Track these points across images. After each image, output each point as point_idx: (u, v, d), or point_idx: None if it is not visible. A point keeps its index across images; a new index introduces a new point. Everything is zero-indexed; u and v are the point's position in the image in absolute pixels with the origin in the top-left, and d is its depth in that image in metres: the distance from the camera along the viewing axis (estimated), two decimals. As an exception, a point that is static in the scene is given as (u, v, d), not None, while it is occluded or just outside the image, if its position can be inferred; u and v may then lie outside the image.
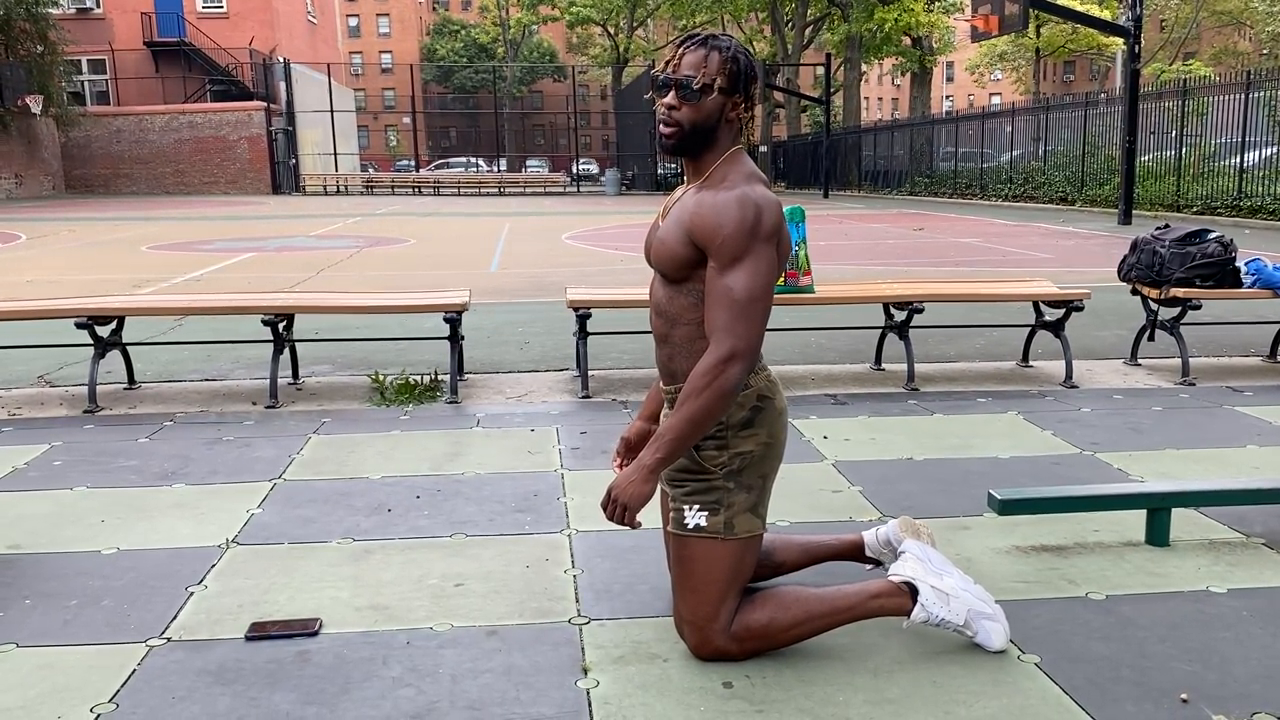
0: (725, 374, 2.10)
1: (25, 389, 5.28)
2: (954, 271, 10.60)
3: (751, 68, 2.23)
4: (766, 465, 2.29)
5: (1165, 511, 2.97)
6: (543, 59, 75.44)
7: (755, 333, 2.12)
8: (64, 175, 36.01)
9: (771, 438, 2.29)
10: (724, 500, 2.24)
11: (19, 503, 3.39)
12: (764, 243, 2.13)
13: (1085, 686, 2.16)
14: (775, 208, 2.17)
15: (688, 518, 2.25)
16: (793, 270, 4.92)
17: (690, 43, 2.22)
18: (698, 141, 2.23)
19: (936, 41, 39.17)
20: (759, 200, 2.15)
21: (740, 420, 2.24)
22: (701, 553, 2.24)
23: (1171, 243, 5.32)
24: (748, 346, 2.11)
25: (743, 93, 2.22)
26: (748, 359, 2.12)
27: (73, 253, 13.52)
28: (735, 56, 2.20)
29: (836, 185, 35.51)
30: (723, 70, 2.18)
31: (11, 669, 2.26)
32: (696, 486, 2.25)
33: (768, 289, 2.14)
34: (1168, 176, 20.33)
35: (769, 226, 2.14)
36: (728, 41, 2.21)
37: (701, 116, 2.20)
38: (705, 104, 2.19)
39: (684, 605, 2.28)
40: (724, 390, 2.10)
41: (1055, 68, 66.49)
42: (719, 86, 2.18)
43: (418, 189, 39.31)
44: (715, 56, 2.18)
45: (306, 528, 3.14)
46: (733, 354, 2.10)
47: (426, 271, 11.10)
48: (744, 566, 2.27)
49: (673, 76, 2.20)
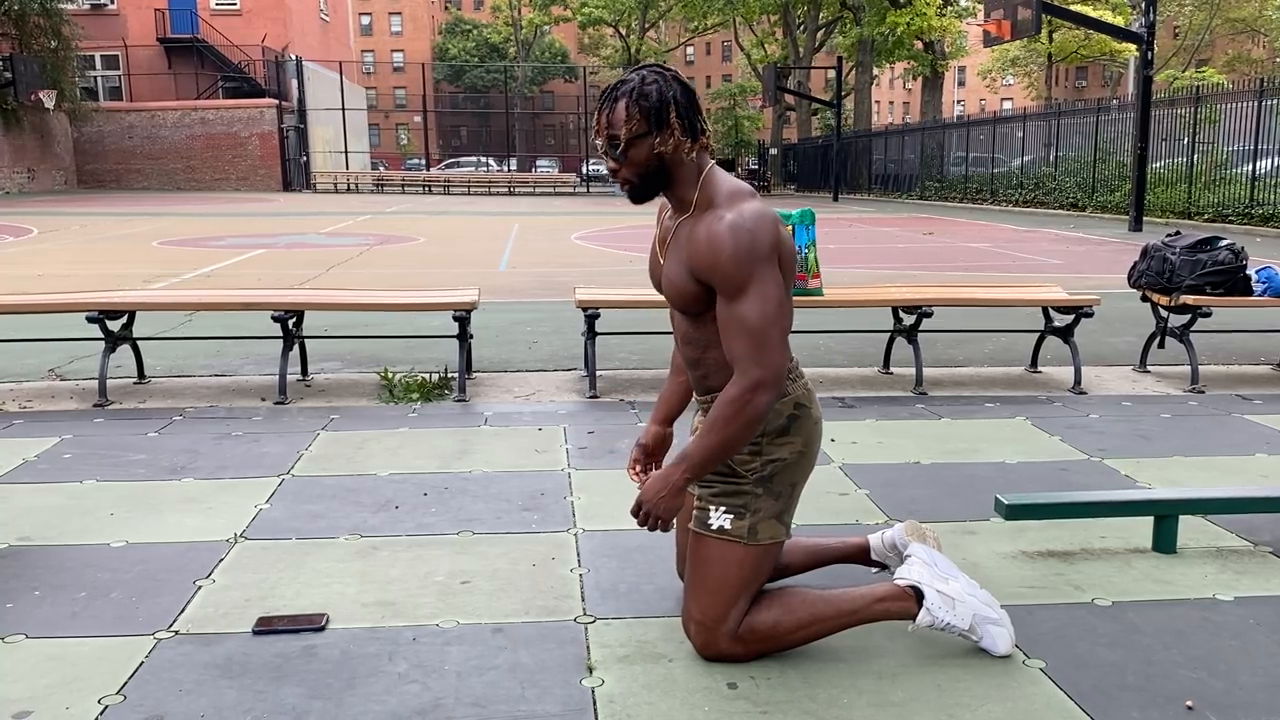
0: (754, 402, 2.10)
1: (36, 382, 5.31)
2: (963, 276, 10.59)
3: (669, 93, 2.15)
4: (797, 473, 2.30)
5: (1173, 518, 2.96)
6: (554, 59, 75.51)
7: (778, 357, 2.11)
8: (76, 170, 36.16)
9: (806, 446, 2.30)
10: (751, 505, 2.25)
11: (29, 495, 3.41)
12: (765, 263, 2.11)
13: (1090, 693, 2.16)
14: (768, 222, 2.13)
15: (712, 518, 2.26)
16: (802, 273, 4.92)
17: (604, 100, 2.20)
18: (657, 185, 2.23)
19: (949, 46, 39.10)
20: (749, 223, 2.11)
21: (777, 427, 2.25)
22: (721, 554, 2.24)
23: (1182, 250, 5.30)
24: (774, 373, 2.11)
25: (671, 123, 2.15)
26: (775, 385, 2.11)
27: (84, 247, 13.58)
28: (644, 94, 2.14)
29: (847, 189, 35.48)
30: (636, 115, 2.14)
31: (21, 659, 2.28)
32: (725, 488, 2.26)
33: (781, 308, 2.12)
34: (1179, 183, 20.27)
35: (765, 245, 2.11)
36: (635, 82, 2.16)
37: (641, 167, 2.18)
38: (637, 155, 2.17)
39: (695, 604, 2.28)
40: (753, 418, 2.12)
41: (1067, 73, 66.33)
42: (639, 133, 2.14)
43: (428, 188, 39.38)
44: (622, 106, 2.14)
45: (314, 523, 3.15)
46: (759, 383, 2.10)
47: (436, 270, 11.12)
48: (761, 572, 2.28)
49: (601, 140, 2.19)
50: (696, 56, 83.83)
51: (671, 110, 2.15)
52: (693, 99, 2.20)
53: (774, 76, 35.52)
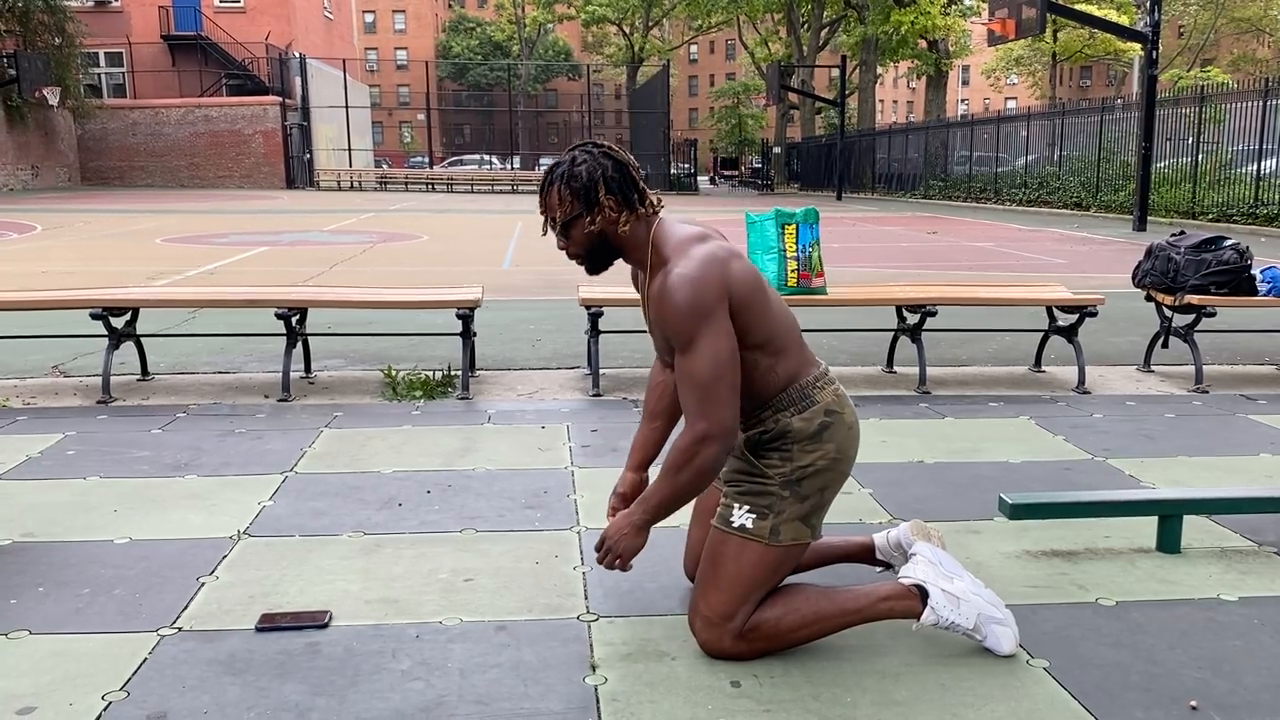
0: (700, 455, 2.14)
1: (40, 379, 5.32)
2: (967, 275, 10.58)
3: (598, 172, 2.21)
4: (829, 478, 2.30)
5: (1177, 518, 2.96)
6: (558, 57, 75.52)
7: (724, 411, 2.14)
8: (80, 167, 36.19)
9: (840, 452, 2.30)
10: (775, 507, 2.25)
11: (33, 491, 3.41)
12: (710, 316, 2.13)
13: (1094, 692, 2.15)
14: (713, 269, 2.16)
15: (734, 516, 2.26)
16: (805, 271, 4.92)
17: (541, 186, 2.28)
18: (607, 256, 2.32)
19: (953, 45, 39.06)
20: (693, 272, 2.14)
21: (809, 434, 2.26)
22: (739, 553, 2.24)
23: (1187, 249, 5.29)
24: (720, 426, 2.13)
25: (601, 201, 2.21)
26: (721, 438, 2.14)
27: (87, 244, 13.59)
28: (574, 175, 2.21)
29: (850, 188, 35.45)
30: (568, 198, 2.22)
31: (25, 655, 2.28)
32: (750, 487, 2.27)
33: (727, 360, 2.14)
34: (1183, 183, 20.23)
35: (711, 295, 2.14)
36: (565, 165, 2.23)
37: (585, 243, 2.27)
38: (577, 234, 2.26)
39: (704, 601, 2.27)
40: (701, 470, 2.15)
41: (1072, 73, 66.27)
42: (573, 214, 2.23)
43: (431, 185, 39.39)
44: (555, 190, 2.23)
45: (318, 520, 3.16)
46: (705, 435, 2.13)
47: (439, 268, 11.13)
48: (778, 574, 2.28)
49: (548, 224, 2.28)
50: (700, 55, 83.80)
51: (601, 189, 2.21)
52: (625, 172, 2.25)
53: (778, 75, 35.49)
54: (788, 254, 4.89)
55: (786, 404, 2.28)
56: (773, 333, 2.27)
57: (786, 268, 4.89)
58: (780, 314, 2.31)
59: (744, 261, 2.25)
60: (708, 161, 62.00)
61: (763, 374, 2.27)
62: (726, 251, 2.23)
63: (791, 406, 2.28)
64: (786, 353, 2.29)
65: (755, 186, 45.43)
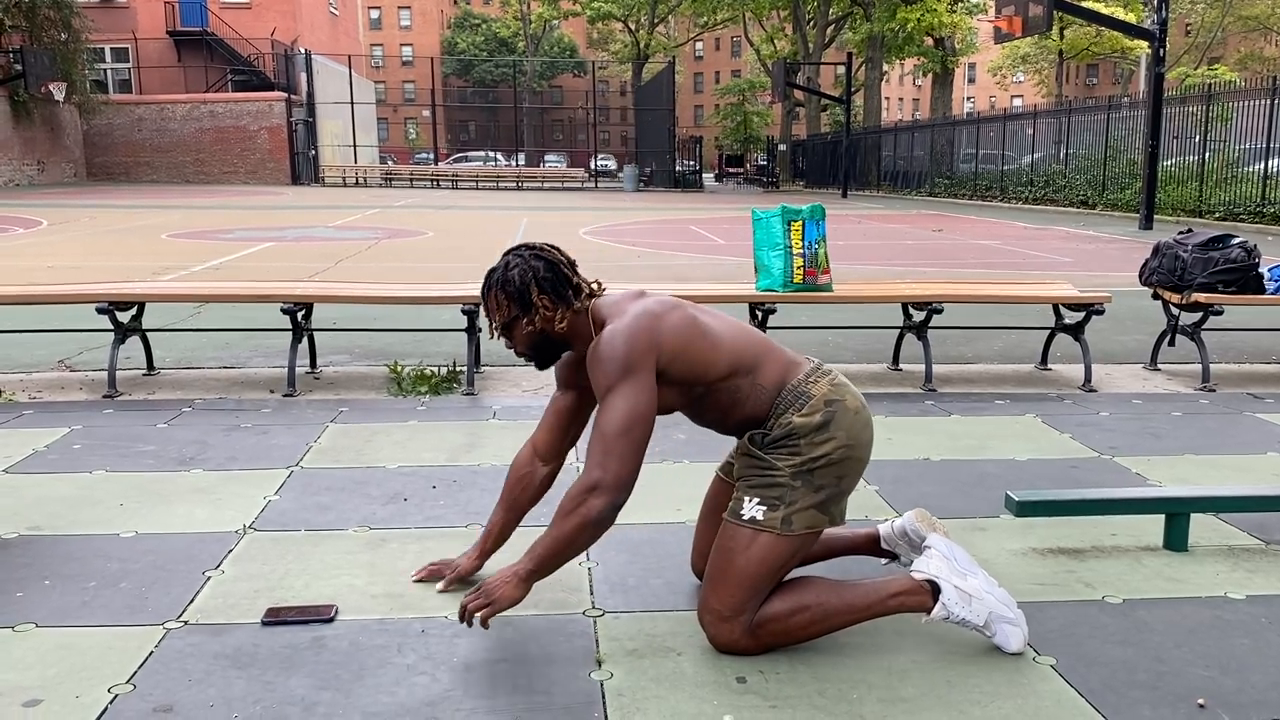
0: (587, 504, 2.15)
1: (46, 373, 5.32)
2: (973, 274, 10.56)
3: (529, 275, 2.28)
4: (845, 468, 2.29)
5: (1184, 516, 2.95)
6: (563, 54, 75.49)
7: (622, 466, 2.15)
8: (85, 162, 36.25)
9: (852, 439, 2.29)
10: (786, 497, 2.25)
11: (39, 485, 3.42)
12: (631, 373, 2.17)
13: (1101, 690, 2.15)
14: (642, 325, 2.20)
15: (745, 508, 2.26)
16: (811, 268, 4.92)
17: (481, 290, 2.36)
18: (552, 349, 2.38)
19: (959, 42, 38.98)
20: (620, 328, 2.20)
21: (814, 426, 2.26)
22: (748, 545, 2.24)
23: (1194, 247, 5.28)
24: (614, 480, 2.14)
25: (534, 302, 2.29)
26: (614, 492, 2.15)
27: (93, 239, 13.62)
28: (507, 280, 2.29)
29: (856, 185, 35.42)
30: (504, 303, 2.31)
31: (31, 648, 2.28)
32: (760, 480, 2.27)
33: (639, 417, 2.16)
34: (1190, 182, 20.19)
35: (637, 351, 2.17)
36: (500, 270, 2.32)
37: (528, 341, 2.35)
38: (519, 335, 2.34)
39: (715, 595, 2.27)
40: (587, 521, 2.15)
41: (1078, 71, 66.13)
42: (511, 317, 2.31)
43: (436, 182, 39.41)
44: (492, 296, 2.33)
45: (323, 515, 3.16)
46: (597, 485, 2.15)
47: (444, 264, 11.13)
48: (788, 565, 2.28)
49: (491, 328, 2.36)
50: (705, 51, 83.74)
51: (534, 290, 2.28)
52: (557, 270, 2.31)
53: (783, 72, 35.45)
54: (793, 250, 4.88)
55: (785, 407, 2.29)
56: (737, 357, 2.29)
57: (792, 264, 4.89)
58: (737, 337, 2.33)
59: (681, 312, 2.28)
60: (713, 159, 61.94)
61: (749, 394, 2.30)
62: (663, 305, 2.27)
63: (790, 408, 2.28)
64: (762, 366, 2.31)
65: (760, 184, 45.37)
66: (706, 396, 2.31)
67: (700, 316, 2.31)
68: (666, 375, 2.24)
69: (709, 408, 2.33)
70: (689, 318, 2.28)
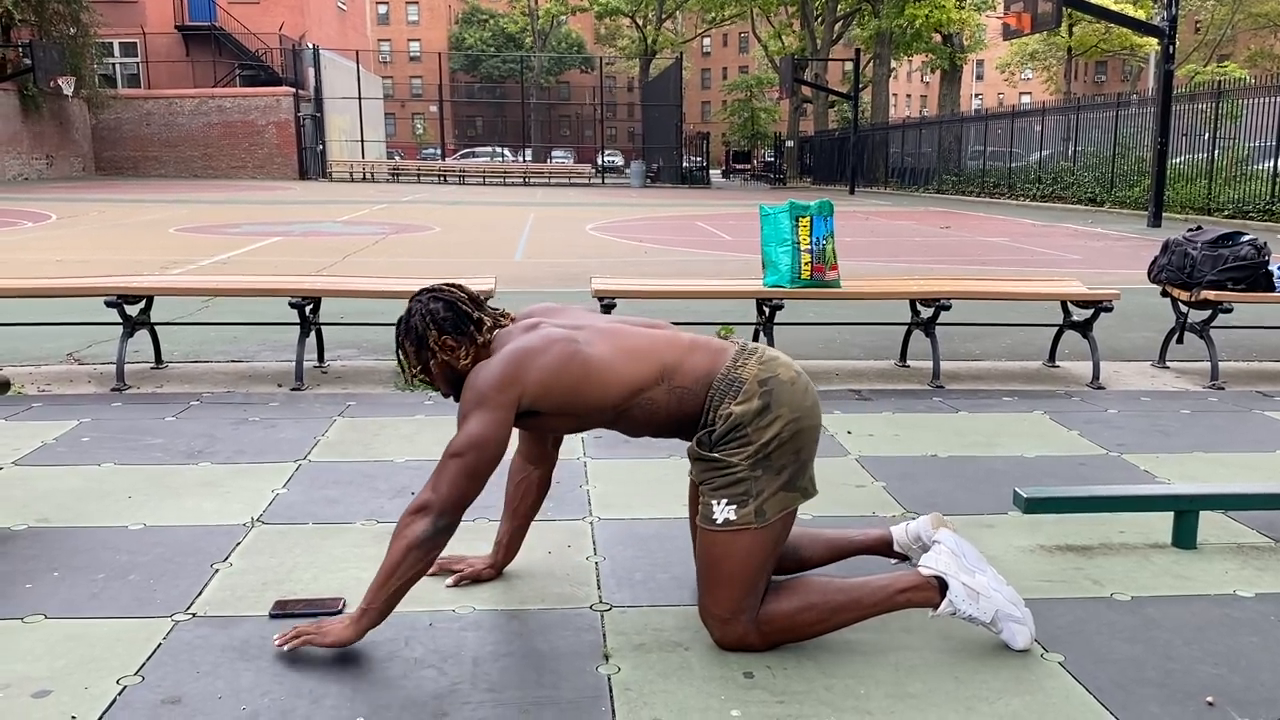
0: (411, 526, 2.15)
1: (54, 366, 5.34)
2: (981, 271, 10.53)
3: (428, 318, 2.33)
4: (800, 440, 2.26)
5: (1193, 514, 2.94)
6: (570, 50, 75.44)
7: (451, 489, 2.16)
8: (94, 157, 36.31)
9: (796, 411, 2.25)
10: (752, 490, 2.22)
11: (48, 477, 3.43)
12: (481, 405, 2.19)
13: (1109, 687, 2.14)
14: (507, 364, 2.21)
15: (716, 512, 2.23)
16: (819, 264, 4.91)
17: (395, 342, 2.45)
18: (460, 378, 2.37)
19: (967, 39, 38.90)
20: (486, 365, 2.24)
21: (755, 411, 2.23)
22: (729, 547, 2.22)
23: (1203, 245, 5.26)
24: (441, 502, 2.15)
25: (432, 346, 2.34)
26: (438, 514, 2.15)
27: (101, 233, 13.65)
28: (410, 328, 2.36)
29: (863, 182, 35.34)
30: (411, 349, 2.38)
31: (40, 639, 2.29)
32: (722, 480, 2.24)
33: (473, 445, 2.16)
34: (1199, 179, 20.12)
35: (491, 386, 2.20)
36: (404, 321, 2.38)
37: (443, 381, 2.39)
38: (437, 375, 2.39)
39: (712, 600, 2.26)
40: (409, 543, 2.15)
41: (1087, 68, 65.89)
42: (421, 360, 2.38)
43: (443, 177, 39.40)
44: (402, 347, 2.40)
45: (331, 508, 3.16)
46: (424, 506, 2.16)
47: (451, 259, 11.14)
48: (775, 551, 2.26)
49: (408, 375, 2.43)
50: (713, 48, 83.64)
51: (433, 331, 2.33)
52: (456, 309, 2.35)
53: (791, 68, 35.37)
54: (801, 246, 4.88)
55: (719, 398, 2.26)
56: (638, 377, 2.25)
57: (800, 260, 4.88)
58: (639, 355, 2.28)
59: (561, 347, 2.24)
60: (720, 155, 61.88)
61: (668, 400, 2.27)
62: (544, 340, 2.25)
63: (725, 397, 2.25)
64: (680, 369, 2.28)
65: (767, 180, 45.31)
66: (619, 419, 2.29)
67: (586, 351, 2.25)
68: (544, 406, 2.24)
69: (630, 425, 2.31)
70: (568, 354, 2.23)
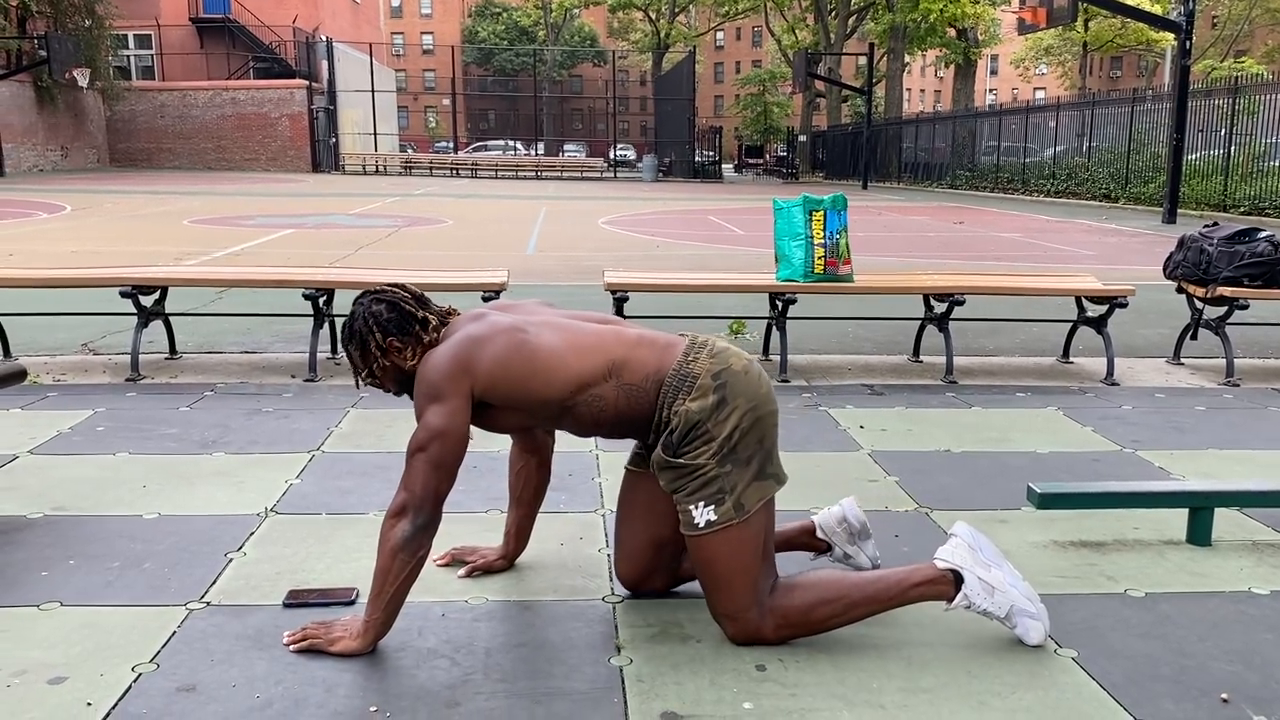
0: (393, 530, 2.15)
1: (69, 356, 5.36)
2: (994, 266, 10.49)
3: (370, 321, 2.31)
4: (761, 428, 2.25)
5: (1208, 511, 2.93)
6: (583, 43, 75.37)
7: (422, 487, 2.15)
8: (108, 148, 36.45)
9: (753, 400, 2.24)
10: (725, 485, 2.20)
11: (63, 466, 3.45)
12: (436, 398, 2.18)
13: (1124, 683, 2.13)
14: (457, 354, 2.21)
15: (697, 516, 2.21)
16: (833, 258, 4.89)
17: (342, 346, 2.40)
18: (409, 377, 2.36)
19: (982, 34, 38.71)
20: (433, 355, 2.23)
21: (712, 406, 2.21)
22: (718, 548, 2.21)
23: (1220, 241, 5.23)
24: (415, 500, 2.15)
25: (373, 350, 2.33)
26: (414, 512, 2.14)
27: (116, 224, 13.70)
28: (353, 332, 2.34)
29: (876, 177, 35.23)
30: (355, 353, 2.36)
31: (56, 626, 2.30)
32: (694, 484, 2.21)
33: (435, 437, 2.15)
34: (1215, 175, 19.99)
35: (442, 377, 2.19)
36: (348, 327, 2.36)
37: (390, 381, 2.38)
38: (381, 375, 2.37)
39: (719, 602, 2.26)
40: (394, 546, 2.15)
41: (1102, 63, 65.50)
42: (366, 363, 2.35)
43: (455, 171, 39.44)
44: (349, 352, 2.38)
45: (344, 499, 3.17)
46: (402, 507, 2.15)
47: (463, 252, 11.15)
48: (766, 539, 2.26)
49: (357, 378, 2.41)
50: (727, 41, 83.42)
51: (377, 334, 2.31)
52: (399, 309, 2.33)
53: (804, 63, 35.26)
54: (815, 240, 4.86)
55: (672, 395, 2.23)
56: (586, 371, 2.23)
57: (813, 254, 4.87)
58: (588, 349, 2.25)
59: (508, 336, 2.23)
60: (732, 149, 61.77)
61: (617, 398, 2.24)
62: (491, 329, 2.24)
63: (678, 394, 2.22)
64: (627, 366, 2.24)
65: (780, 175, 45.21)
66: (566, 415, 2.26)
67: (533, 341, 2.23)
68: (493, 398, 2.23)
69: (578, 422, 2.28)
70: (515, 344, 2.22)
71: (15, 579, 2.55)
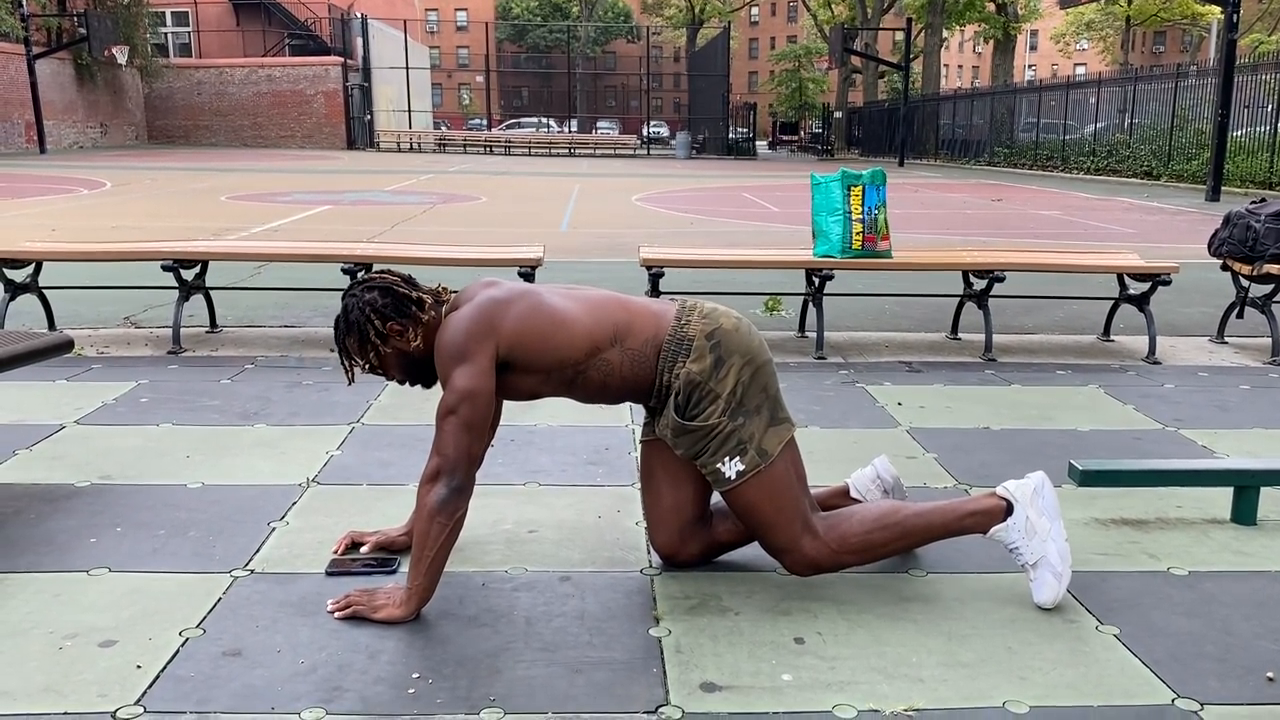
0: (430, 493, 2.17)
1: (112, 329, 5.44)
2: (1034, 244, 10.36)
3: (366, 309, 2.30)
4: (761, 378, 2.35)
5: (1254, 490, 2.88)
6: (617, 19, 74.96)
7: (454, 449, 2.17)
8: (146, 125, 36.83)
9: (748, 354, 2.34)
10: (743, 435, 2.31)
11: (109, 436, 3.50)
12: (462, 359, 2.19)
13: (1167, 660, 2.12)
14: (479, 315, 2.23)
15: (726, 470, 2.32)
16: (871, 234, 4.86)
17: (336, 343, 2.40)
18: (420, 367, 2.38)
19: (1022, 8, 38.06)
20: (455, 319, 2.24)
21: (710, 367, 2.30)
22: (755, 494, 2.32)
23: (1267, 217, 5.13)
24: (449, 463, 2.17)
25: (373, 339, 2.32)
26: (451, 474, 2.17)
27: (155, 200, 13.85)
28: (350, 324, 2.33)
29: (913, 154, 34.84)
30: (354, 344, 2.34)
31: (104, 591, 2.35)
32: (713, 444, 2.31)
33: (464, 398, 2.17)
34: (1261, 152, 19.59)
35: (467, 339, 2.20)
36: (342, 320, 2.35)
37: (396, 369, 2.37)
38: (383, 364, 2.36)
39: (771, 543, 2.37)
40: (431, 511, 2.16)
41: (1144, 38, 64.30)
42: (367, 354, 2.34)
43: (489, 148, 39.48)
44: (346, 346, 2.36)
45: (384, 470, 3.20)
46: (436, 471, 2.18)
47: (498, 228, 11.17)
48: (798, 474, 2.36)
49: (358, 369, 2.40)
50: (761, 17, 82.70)
51: (375, 321, 2.31)
52: (393, 292, 2.33)
53: (841, 38, 34.85)
54: (853, 216, 4.83)
55: (671, 359, 2.31)
56: (598, 334, 2.29)
57: (851, 230, 4.83)
58: (595, 312, 2.32)
59: (528, 299, 2.28)
60: (766, 126, 61.32)
61: (621, 363, 2.31)
62: (510, 293, 2.29)
63: (677, 359, 2.31)
64: (631, 331, 2.31)
65: (815, 152, 44.86)
66: (578, 379, 2.31)
67: (550, 301, 2.30)
68: (515, 361, 2.26)
69: (584, 387, 2.33)
70: (535, 305, 2.28)
71: (66, 545, 2.60)
